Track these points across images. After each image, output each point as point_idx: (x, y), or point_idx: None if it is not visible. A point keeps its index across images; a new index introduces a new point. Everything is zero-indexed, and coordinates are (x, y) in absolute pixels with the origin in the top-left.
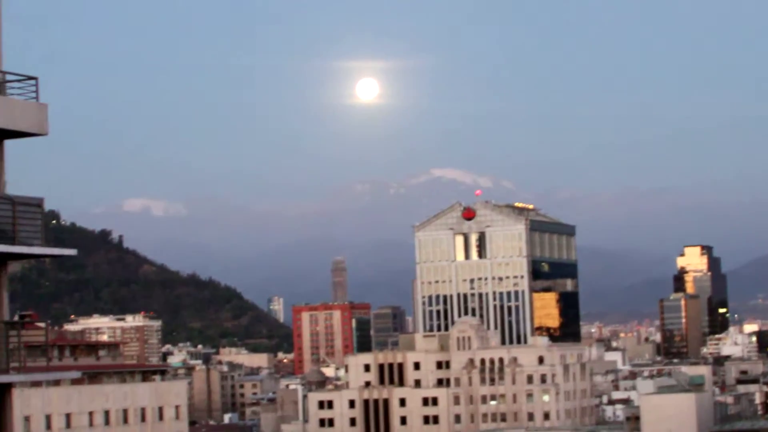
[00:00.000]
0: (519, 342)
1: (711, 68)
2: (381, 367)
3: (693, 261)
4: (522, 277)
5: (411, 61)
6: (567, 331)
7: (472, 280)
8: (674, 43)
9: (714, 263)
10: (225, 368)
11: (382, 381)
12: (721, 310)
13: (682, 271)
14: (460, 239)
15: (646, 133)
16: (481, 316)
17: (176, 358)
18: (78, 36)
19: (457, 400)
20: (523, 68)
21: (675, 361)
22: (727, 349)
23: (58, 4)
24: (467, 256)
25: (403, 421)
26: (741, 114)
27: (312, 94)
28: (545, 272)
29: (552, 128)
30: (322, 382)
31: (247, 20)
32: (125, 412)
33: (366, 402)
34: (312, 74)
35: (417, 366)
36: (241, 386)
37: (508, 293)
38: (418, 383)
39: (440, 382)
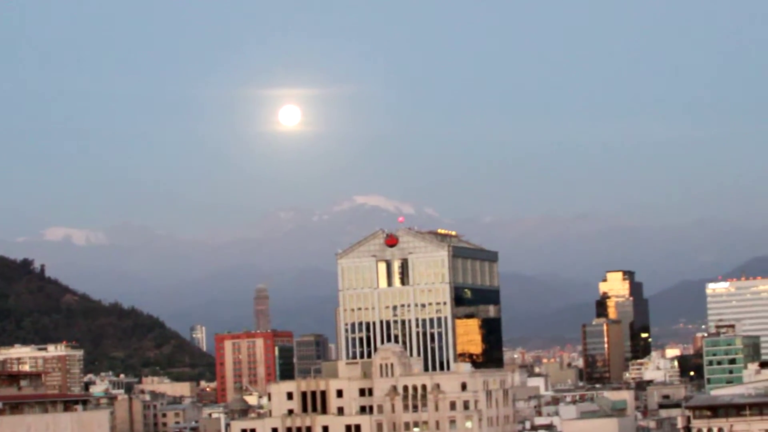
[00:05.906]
0: (442, 368)
1: (626, 94)
2: (304, 394)
3: (615, 286)
4: (444, 303)
5: (331, 88)
6: (490, 357)
7: (395, 307)
8: (588, 67)
9: (636, 288)
10: (147, 397)
11: (305, 409)
12: (643, 335)
13: (604, 297)
14: (382, 266)
15: (568, 158)
16: (404, 342)
17: (98, 388)
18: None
19: (380, 428)
20: (444, 94)
21: (597, 386)
22: (649, 374)
23: None
24: (390, 283)
25: None
26: (661, 138)
27: (235, 121)
28: (468, 298)
29: (474, 155)
30: (244, 411)
31: (174, 49)
32: None
33: (289, 430)
34: (236, 102)
35: (340, 393)
36: (164, 415)
37: (431, 320)
38: (341, 411)
39: (363, 410)
